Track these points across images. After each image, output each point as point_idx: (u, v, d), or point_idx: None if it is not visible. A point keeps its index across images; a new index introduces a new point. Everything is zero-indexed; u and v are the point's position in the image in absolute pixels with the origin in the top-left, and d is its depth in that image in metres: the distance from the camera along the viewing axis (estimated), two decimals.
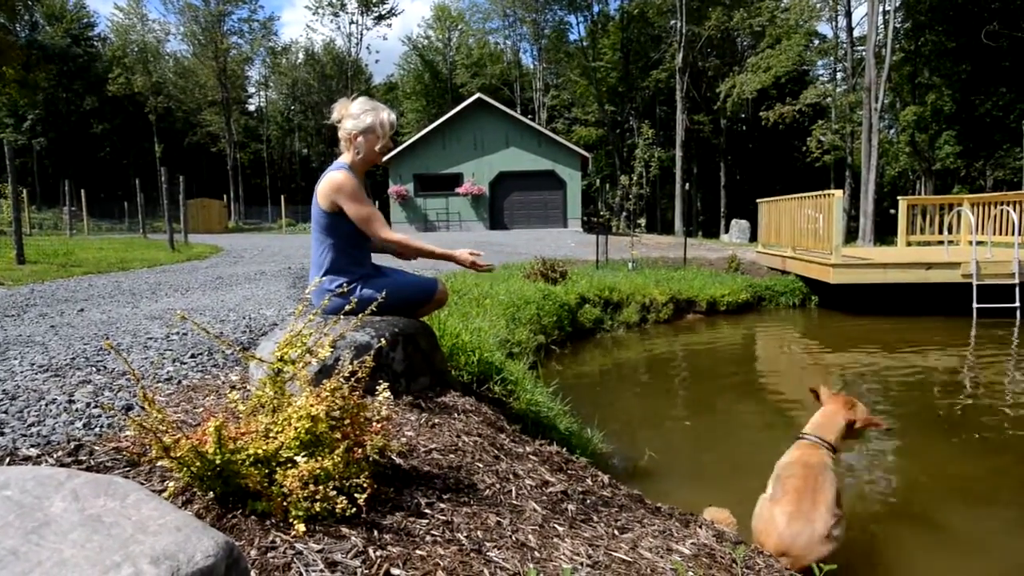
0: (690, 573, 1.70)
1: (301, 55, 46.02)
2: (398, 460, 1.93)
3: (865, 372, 6.38)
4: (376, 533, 1.46)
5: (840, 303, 9.43)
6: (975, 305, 8.52)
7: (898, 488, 3.65)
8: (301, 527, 1.37)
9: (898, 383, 5.91)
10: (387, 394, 1.78)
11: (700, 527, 2.21)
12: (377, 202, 30.54)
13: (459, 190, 24.77)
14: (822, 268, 9.08)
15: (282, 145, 49.51)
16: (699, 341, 7.81)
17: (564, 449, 2.71)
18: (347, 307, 2.12)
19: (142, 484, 1.50)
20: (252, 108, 51.43)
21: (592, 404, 5.13)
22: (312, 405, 1.57)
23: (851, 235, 25.64)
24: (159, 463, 1.53)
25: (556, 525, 1.78)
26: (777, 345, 7.93)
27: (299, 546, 1.33)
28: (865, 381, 6.07)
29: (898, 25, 26.92)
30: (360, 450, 1.61)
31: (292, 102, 47.00)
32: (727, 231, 25.92)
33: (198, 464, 1.39)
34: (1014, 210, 10.35)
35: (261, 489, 1.46)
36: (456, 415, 2.54)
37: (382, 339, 2.59)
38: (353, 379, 1.85)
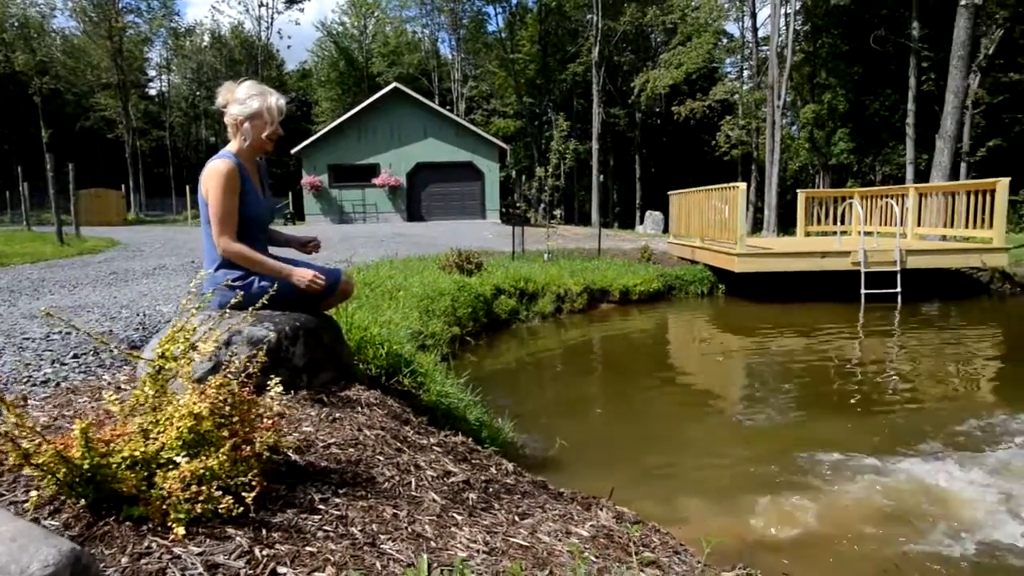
0: (587, 553, 1.74)
1: (207, 38, 43.75)
2: (294, 456, 1.88)
3: (766, 354, 6.75)
4: (264, 532, 1.42)
5: (745, 291, 9.89)
6: (863, 291, 9.15)
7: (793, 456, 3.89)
8: (181, 530, 1.32)
9: (795, 363, 6.29)
10: (279, 389, 1.73)
11: (601, 509, 2.27)
12: (291, 193, 29.61)
13: (376, 181, 24.31)
14: (728, 258, 9.49)
15: (187, 133, 47.00)
16: (612, 330, 8.01)
17: (471, 439, 2.72)
18: (234, 300, 2.04)
19: (1, 496, 1.40)
20: (153, 92, 48.52)
21: (506, 394, 5.19)
22: (195, 403, 1.51)
23: (757, 226, 26.96)
24: (24, 471, 1.43)
25: (455, 514, 1.78)
26: (686, 332, 8.25)
27: (177, 550, 1.27)
28: (766, 362, 6.41)
29: (798, 28, 28.35)
30: (249, 447, 1.56)
31: (197, 87, 44.62)
32: (642, 222, 26.67)
33: (64, 470, 1.31)
34: (896, 203, 11.18)
35: (138, 493, 1.39)
36: (360, 409, 2.50)
37: (281, 333, 2.52)
38: (244, 375, 1.78)
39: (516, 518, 1.91)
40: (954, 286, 10.44)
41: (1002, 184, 9.51)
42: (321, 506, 1.61)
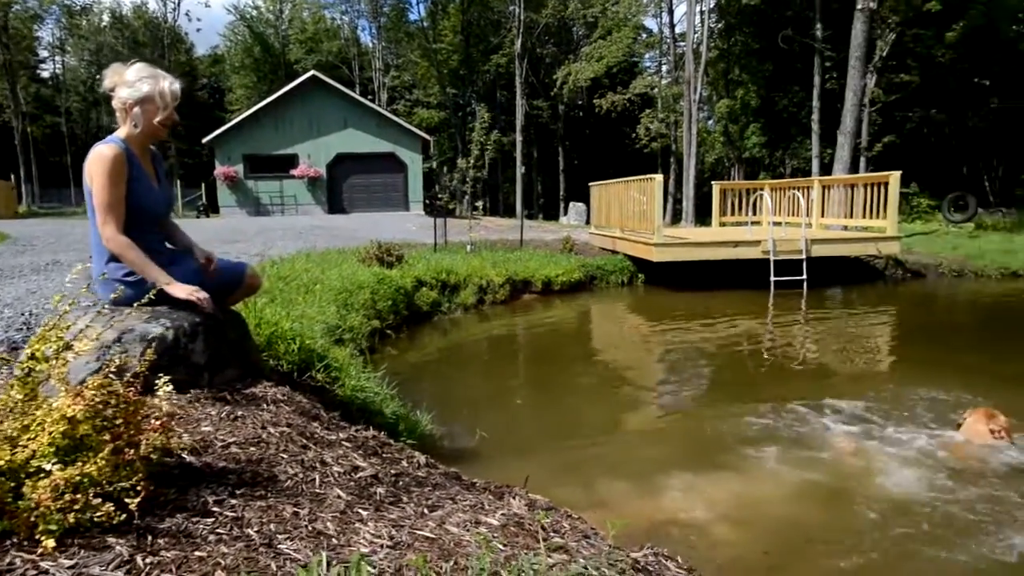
0: (495, 542, 1.74)
1: (106, 17, 41.01)
2: (189, 458, 1.79)
3: (683, 340, 6.98)
4: (149, 539, 1.34)
5: (664, 279, 10.18)
6: (772, 278, 9.60)
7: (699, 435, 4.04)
8: (50, 543, 1.22)
9: (711, 347, 6.53)
10: (168, 388, 1.64)
11: (514, 498, 2.28)
12: (203, 185, 28.29)
13: (294, 172, 23.52)
14: (646, 248, 9.74)
15: (85, 119, 43.94)
16: (535, 320, 8.09)
17: (383, 433, 2.68)
18: (114, 295, 1.91)
19: None
20: (46, 75, 45.12)
21: (428, 387, 5.15)
22: (69, 406, 1.40)
23: (677, 217, 27.82)
24: None
25: (360, 510, 1.74)
26: (607, 321, 8.43)
27: (45, 564, 1.18)
28: (683, 347, 6.63)
29: (712, 25, 29.38)
30: (133, 451, 1.47)
31: (97, 70, 41.79)
32: (566, 213, 27.02)
33: None
34: (802, 195, 11.78)
35: (3, 505, 1.28)
36: (265, 406, 2.41)
37: (178, 330, 2.39)
38: (130, 374, 1.68)
39: (425, 511, 1.89)
40: (854, 273, 11.12)
41: (894, 177, 10.18)
42: (215, 508, 1.53)
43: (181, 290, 2.46)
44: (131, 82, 2.44)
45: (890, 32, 21.72)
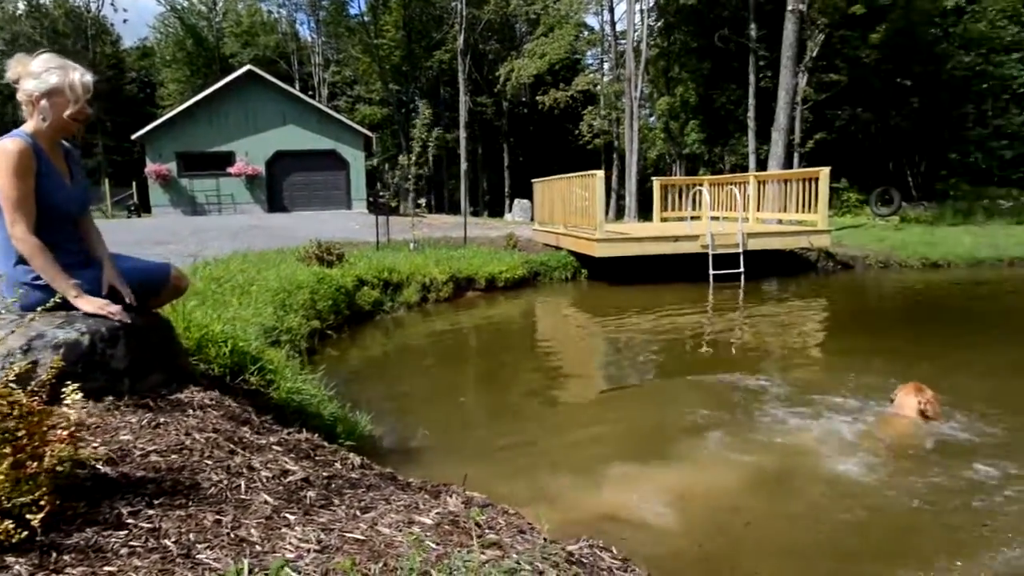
0: (427, 541, 1.72)
1: (22, 5, 38.74)
2: (104, 468, 1.71)
3: (626, 333, 7.09)
4: (54, 556, 1.27)
5: (606, 275, 10.31)
6: (711, 272, 9.85)
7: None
8: None
9: (653, 339, 6.66)
10: (77, 396, 1.56)
11: (451, 496, 2.26)
12: (134, 183, 27.12)
13: (231, 170, 22.80)
14: (589, 243, 9.85)
15: (1, 113, 41.54)
16: (479, 317, 8.08)
17: (317, 436, 2.62)
18: (12, 299, 1.80)
19: None
20: None
21: (369, 387, 5.07)
22: None
23: (621, 212, 28.25)
24: None
25: (288, 514, 1.70)
26: (551, 316, 8.49)
27: None
28: (626, 340, 6.74)
29: (652, 24, 29.89)
30: (36, 464, 1.39)
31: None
32: (511, 210, 27.08)
33: None
34: (739, 190, 12.13)
35: None
36: (192, 412, 2.33)
37: (95, 335, 2.28)
38: (35, 383, 1.59)
39: (357, 512, 1.86)
40: (788, 265, 11.52)
41: (824, 173, 10.59)
42: (130, 520, 1.47)
43: (90, 304, 2.32)
44: (37, 73, 2.31)
45: (819, 33, 22.55)
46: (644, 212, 24.27)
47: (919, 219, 18.46)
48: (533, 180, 13.59)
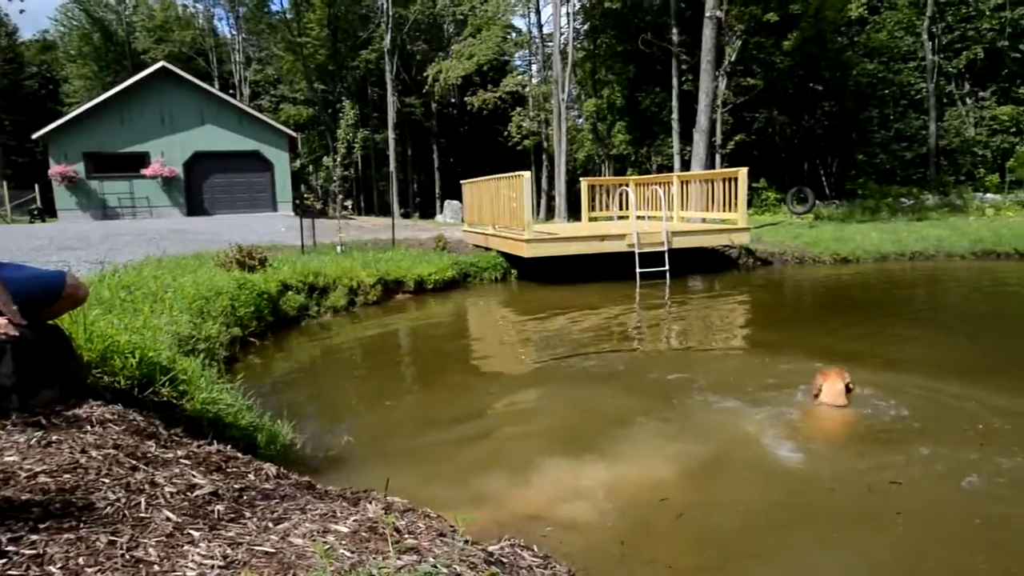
0: (341, 550, 1.68)
1: None
2: None
3: (556, 331, 7.16)
4: None
5: (536, 275, 10.39)
6: (638, 270, 10.07)
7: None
8: None
9: (583, 336, 6.74)
10: None
11: (371, 502, 2.22)
12: (37, 186, 25.43)
13: (146, 172, 21.69)
14: (518, 244, 9.90)
15: None
16: (408, 320, 7.99)
17: (230, 447, 2.52)
18: None
19: None
20: None
21: (292, 394, 4.93)
22: None
23: (551, 213, 28.55)
24: None
25: (192, 531, 1.63)
26: (481, 317, 8.49)
27: None
28: (556, 338, 6.80)
29: (578, 27, 30.37)
30: None
31: None
32: (442, 212, 26.94)
33: None
34: (663, 190, 12.47)
35: None
36: (90, 428, 2.19)
37: None
38: None
39: (269, 524, 1.80)
40: (711, 262, 11.92)
41: (742, 173, 11.02)
42: (10, 547, 1.37)
43: None
44: None
45: (737, 39, 23.47)
46: (574, 212, 24.64)
47: (831, 217, 19.50)
48: (462, 181, 13.56)
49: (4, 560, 1.31)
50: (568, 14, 26.29)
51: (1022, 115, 23.10)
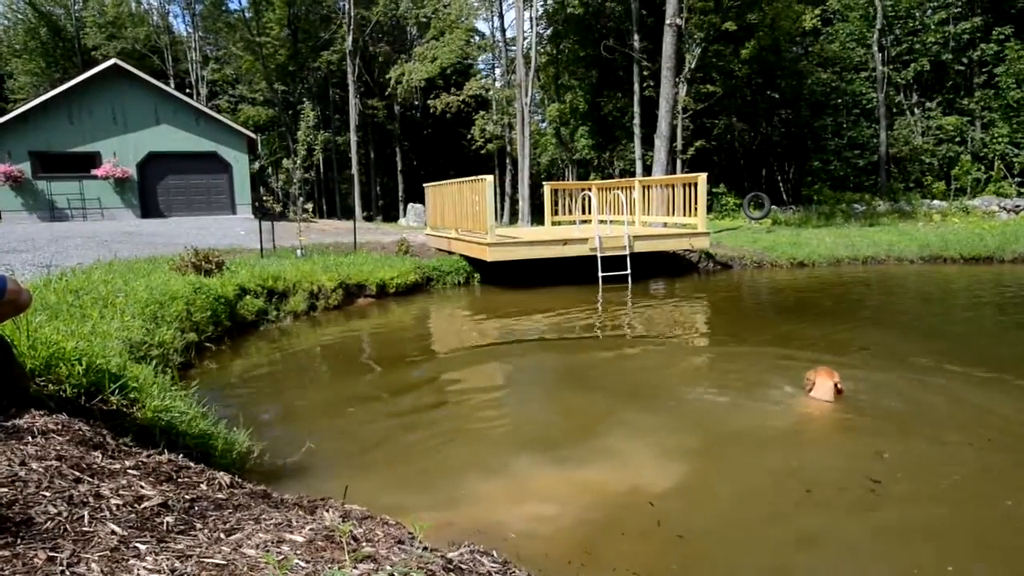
0: (295, 560, 1.65)
1: None
2: None
3: (519, 334, 7.16)
4: None
5: (499, 279, 10.39)
6: (600, 274, 10.16)
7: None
8: None
9: (545, 340, 6.76)
10: None
11: (328, 510, 2.18)
12: None
13: (97, 172, 21.02)
14: (480, 248, 9.88)
15: None
16: (369, 324, 7.90)
17: (183, 456, 2.45)
18: None
19: None
20: None
21: (250, 400, 4.83)
22: None
23: (515, 217, 28.61)
24: None
25: (139, 544, 1.57)
26: (444, 321, 8.44)
27: None
28: (519, 342, 6.80)
29: (541, 31, 30.55)
30: None
31: None
32: (405, 215, 26.77)
33: None
34: (625, 195, 12.60)
35: None
36: (31, 439, 2.11)
37: None
38: None
39: (222, 535, 1.75)
40: (672, 266, 12.09)
41: (701, 178, 11.21)
42: None
43: None
44: None
45: (696, 47, 23.92)
46: (537, 216, 24.74)
47: (788, 222, 19.98)
48: (425, 185, 13.49)
49: None
50: (531, 18, 26.44)
51: (965, 125, 24.04)
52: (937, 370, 5.15)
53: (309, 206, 11.80)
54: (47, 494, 1.72)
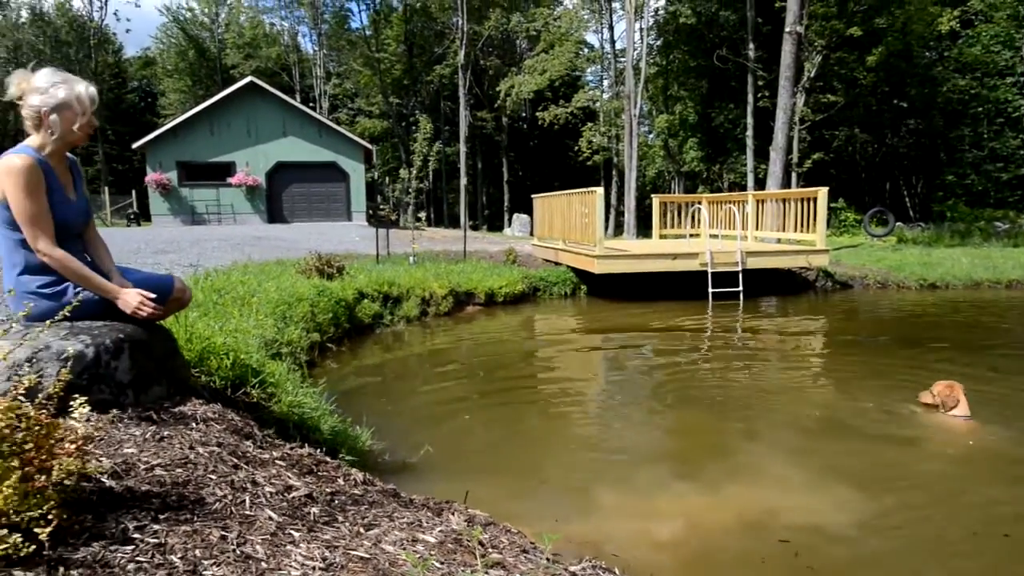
0: (431, 560, 1.72)
1: (25, 13, 38.96)
2: (109, 482, 1.70)
3: (627, 350, 7.08)
4: (61, 570, 1.27)
5: (605, 291, 10.33)
6: (710, 290, 9.87)
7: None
8: None
9: (655, 358, 6.65)
10: (85, 409, 1.56)
11: (453, 514, 2.26)
12: (134, 192, 27.20)
13: (232, 181, 22.87)
14: (588, 259, 9.87)
15: (3, 122, 41.68)
16: (479, 332, 8.07)
17: (319, 451, 2.61)
18: (23, 313, 1.81)
19: None
20: None
21: (369, 401, 5.05)
22: None
23: (620, 229, 28.34)
24: None
25: (293, 531, 1.70)
26: (551, 332, 8.48)
27: None
28: (627, 359, 6.73)
29: (651, 42, 30.19)
30: (44, 477, 1.39)
31: (16, 68, 39.59)
32: (510, 225, 27.16)
33: None
34: (738, 209, 12.19)
35: None
36: (195, 425, 2.32)
37: (99, 347, 2.28)
38: (43, 395, 1.59)
39: (361, 530, 1.85)
40: (787, 284, 11.54)
41: (822, 193, 10.65)
42: (136, 535, 1.46)
43: (128, 302, 2.43)
44: (43, 88, 2.33)
45: (816, 54, 22.79)
46: (643, 229, 24.37)
47: (916, 240, 18.56)
48: (533, 196, 13.65)
49: (132, 547, 1.41)
50: (642, 29, 26.15)
51: None
52: None
53: (422, 215, 12.24)
54: (213, 477, 1.89)
